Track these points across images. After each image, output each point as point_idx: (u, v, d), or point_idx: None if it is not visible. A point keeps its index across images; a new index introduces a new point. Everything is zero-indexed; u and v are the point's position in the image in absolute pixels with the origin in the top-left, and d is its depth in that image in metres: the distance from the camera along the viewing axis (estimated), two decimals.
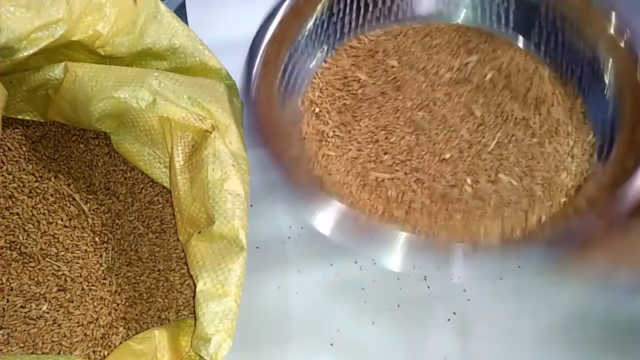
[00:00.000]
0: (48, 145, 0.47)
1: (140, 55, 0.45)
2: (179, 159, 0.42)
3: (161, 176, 0.46)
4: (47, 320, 0.41)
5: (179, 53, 0.45)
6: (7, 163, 0.45)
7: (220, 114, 0.43)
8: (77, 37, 0.41)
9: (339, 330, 0.45)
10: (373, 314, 0.46)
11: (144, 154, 0.46)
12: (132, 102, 0.42)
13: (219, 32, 0.59)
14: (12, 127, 0.46)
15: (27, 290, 0.41)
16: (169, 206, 0.47)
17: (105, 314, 0.42)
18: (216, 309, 0.36)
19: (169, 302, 0.43)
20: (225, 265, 0.37)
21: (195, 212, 0.40)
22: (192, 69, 0.46)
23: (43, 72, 0.43)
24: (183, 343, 0.39)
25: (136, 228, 0.46)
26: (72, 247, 0.44)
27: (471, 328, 0.46)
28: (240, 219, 0.39)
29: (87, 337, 0.41)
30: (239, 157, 0.43)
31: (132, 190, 0.47)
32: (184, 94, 0.43)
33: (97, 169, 0.47)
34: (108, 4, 0.41)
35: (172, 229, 0.46)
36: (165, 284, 0.44)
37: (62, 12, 0.39)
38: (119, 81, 0.42)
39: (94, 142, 0.48)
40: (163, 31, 0.44)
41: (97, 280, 0.43)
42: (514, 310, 0.46)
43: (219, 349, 0.35)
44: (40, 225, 0.43)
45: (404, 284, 0.47)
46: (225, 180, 0.40)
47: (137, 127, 0.44)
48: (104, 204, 0.46)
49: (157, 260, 0.45)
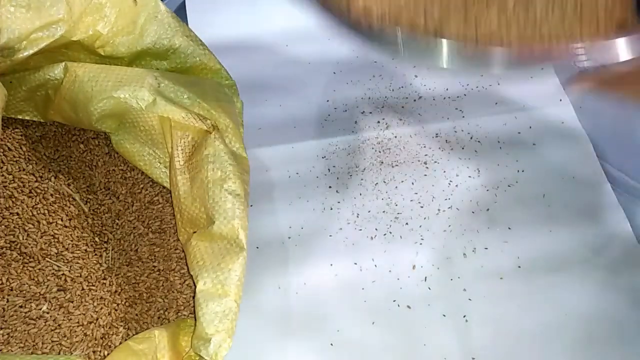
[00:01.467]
0: (48, 145, 0.47)
1: (140, 55, 0.45)
2: (179, 159, 0.42)
3: (161, 176, 0.46)
4: (47, 320, 0.41)
5: (179, 53, 0.45)
6: (7, 163, 0.45)
7: (220, 114, 0.43)
8: (77, 37, 0.41)
9: (339, 330, 0.45)
10: (373, 314, 0.46)
11: (144, 154, 0.46)
12: (132, 102, 0.42)
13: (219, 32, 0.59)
14: (12, 127, 0.46)
15: (27, 290, 0.41)
16: (169, 206, 0.47)
17: (105, 314, 0.42)
18: (216, 309, 0.36)
19: (169, 302, 0.43)
20: (225, 265, 0.37)
21: (195, 212, 0.40)
22: (192, 69, 0.46)
23: (43, 72, 0.43)
24: (183, 343, 0.39)
25: (136, 228, 0.46)
26: (72, 247, 0.44)
27: (471, 328, 0.46)
28: (240, 219, 0.39)
29: (87, 337, 0.41)
30: (239, 157, 0.43)
31: (132, 190, 0.47)
32: (184, 93, 0.43)
33: (97, 169, 0.47)
34: (108, 4, 0.41)
35: (172, 229, 0.46)
36: (165, 284, 0.44)
37: (62, 12, 0.39)
38: (119, 81, 0.42)
39: (94, 142, 0.48)
40: (163, 31, 0.44)
41: (97, 280, 0.43)
42: (514, 310, 0.46)
43: (219, 349, 0.35)
44: (40, 225, 0.43)
45: (404, 284, 0.47)
46: (225, 180, 0.40)
47: (137, 127, 0.44)
48: (104, 204, 0.46)
49: (157, 260, 0.45)
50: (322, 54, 0.59)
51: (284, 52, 0.59)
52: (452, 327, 0.46)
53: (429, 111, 0.57)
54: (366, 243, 0.49)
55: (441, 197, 0.52)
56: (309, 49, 0.59)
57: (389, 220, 0.50)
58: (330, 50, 0.59)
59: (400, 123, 0.56)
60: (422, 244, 0.49)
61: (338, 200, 0.51)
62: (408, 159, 0.54)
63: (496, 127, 0.56)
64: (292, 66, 0.58)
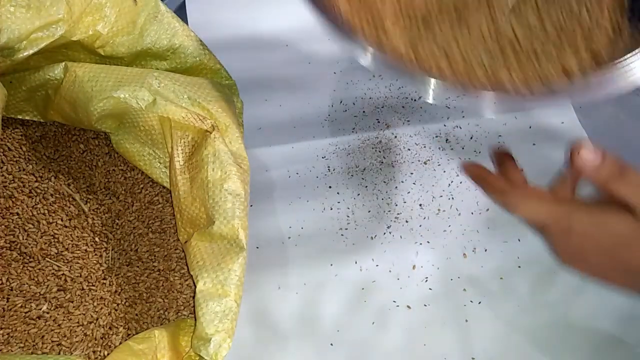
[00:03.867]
0: (48, 145, 0.47)
1: (140, 55, 0.45)
2: (179, 158, 0.42)
3: (161, 176, 0.46)
4: (47, 320, 0.41)
5: (179, 53, 0.45)
6: (7, 163, 0.45)
7: (220, 114, 0.43)
8: (77, 37, 0.41)
9: (339, 330, 0.45)
10: (373, 314, 0.46)
11: (144, 154, 0.46)
12: (132, 102, 0.42)
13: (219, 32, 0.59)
14: (12, 127, 0.46)
15: (27, 290, 0.41)
16: (169, 206, 0.47)
17: (105, 314, 0.42)
18: (216, 309, 0.36)
19: (169, 302, 0.43)
20: (225, 265, 0.37)
21: (195, 212, 0.40)
22: (192, 69, 0.46)
23: (43, 72, 0.43)
24: (183, 343, 0.39)
25: (136, 228, 0.46)
26: (72, 247, 0.43)
27: (471, 328, 0.46)
28: (240, 219, 0.39)
29: (87, 337, 0.41)
30: (239, 157, 0.42)
31: (132, 190, 0.47)
32: (184, 93, 0.43)
33: (97, 169, 0.47)
34: (108, 4, 0.41)
35: (172, 229, 0.46)
36: (165, 284, 0.44)
37: (62, 12, 0.39)
38: (119, 81, 0.42)
39: (94, 142, 0.48)
40: (163, 31, 0.44)
41: (97, 280, 0.43)
42: (514, 310, 0.46)
43: (219, 349, 0.35)
44: (40, 225, 0.43)
45: (404, 284, 0.47)
46: (225, 180, 0.40)
47: (137, 127, 0.44)
48: (104, 204, 0.46)
49: (157, 260, 0.45)
50: (322, 54, 0.59)
51: (284, 52, 0.59)
52: (452, 327, 0.46)
53: (429, 111, 0.57)
54: (366, 243, 0.49)
55: (441, 197, 0.52)
56: (309, 49, 0.59)
57: (389, 220, 0.50)
58: (330, 50, 0.59)
59: (400, 123, 0.56)
60: (422, 244, 0.49)
61: (338, 200, 0.51)
62: (408, 159, 0.54)
63: (496, 127, 0.56)
64: (292, 66, 0.58)
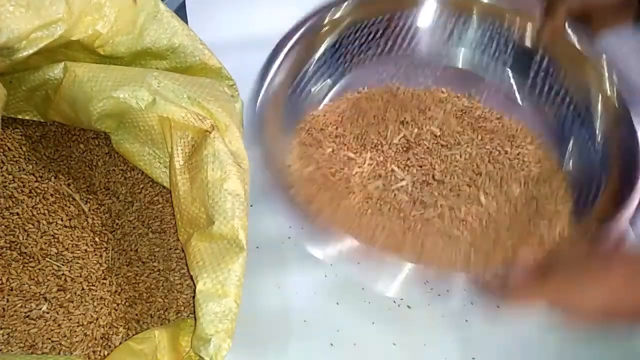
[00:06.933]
0: (48, 145, 0.47)
1: (140, 55, 0.45)
2: (178, 158, 0.42)
3: (161, 176, 0.46)
4: (47, 320, 0.41)
5: (179, 53, 0.45)
6: (7, 163, 0.45)
7: (220, 114, 0.43)
8: (76, 36, 0.41)
9: (339, 330, 0.45)
10: (373, 314, 0.46)
11: (144, 154, 0.46)
12: (131, 102, 0.42)
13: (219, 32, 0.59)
14: (12, 127, 0.46)
15: (27, 290, 0.41)
16: (169, 206, 0.47)
17: (105, 314, 0.42)
18: (216, 309, 0.36)
19: (169, 302, 0.43)
20: (225, 265, 0.37)
21: (195, 212, 0.40)
22: (192, 69, 0.46)
23: (43, 72, 0.43)
24: (183, 343, 0.39)
25: (136, 228, 0.46)
26: (72, 247, 0.43)
27: (471, 328, 0.46)
28: (240, 219, 0.39)
29: (87, 337, 0.41)
30: (239, 157, 0.42)
31: (132, 190, 0.47)
32: (184, 93, 0.43)
33: (97, 169, 0.47)
34: (108, 4, 0.41)
35: (172, 229, 0.46)
36: (165, 284, 0.44)
37: (62, 12, 0.39)
38: (119, 81, 0.42)
39: (94, 142, 0.48)
40: (163, 31, 0.44)
41: (97, 280, 0.43)
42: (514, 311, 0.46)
43: (218, 349, 0.35)
44: (40, 225, 0.43)
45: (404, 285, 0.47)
46: (225, 180, 0.39)
47: (137, 127, 0.44)
48: (104, 204, 0.46)
49: (157, 260, 0.45)
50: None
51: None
52: (452, 327, 0.46)
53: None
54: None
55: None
56: None
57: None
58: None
59: None
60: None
61: None
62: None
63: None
64: None
